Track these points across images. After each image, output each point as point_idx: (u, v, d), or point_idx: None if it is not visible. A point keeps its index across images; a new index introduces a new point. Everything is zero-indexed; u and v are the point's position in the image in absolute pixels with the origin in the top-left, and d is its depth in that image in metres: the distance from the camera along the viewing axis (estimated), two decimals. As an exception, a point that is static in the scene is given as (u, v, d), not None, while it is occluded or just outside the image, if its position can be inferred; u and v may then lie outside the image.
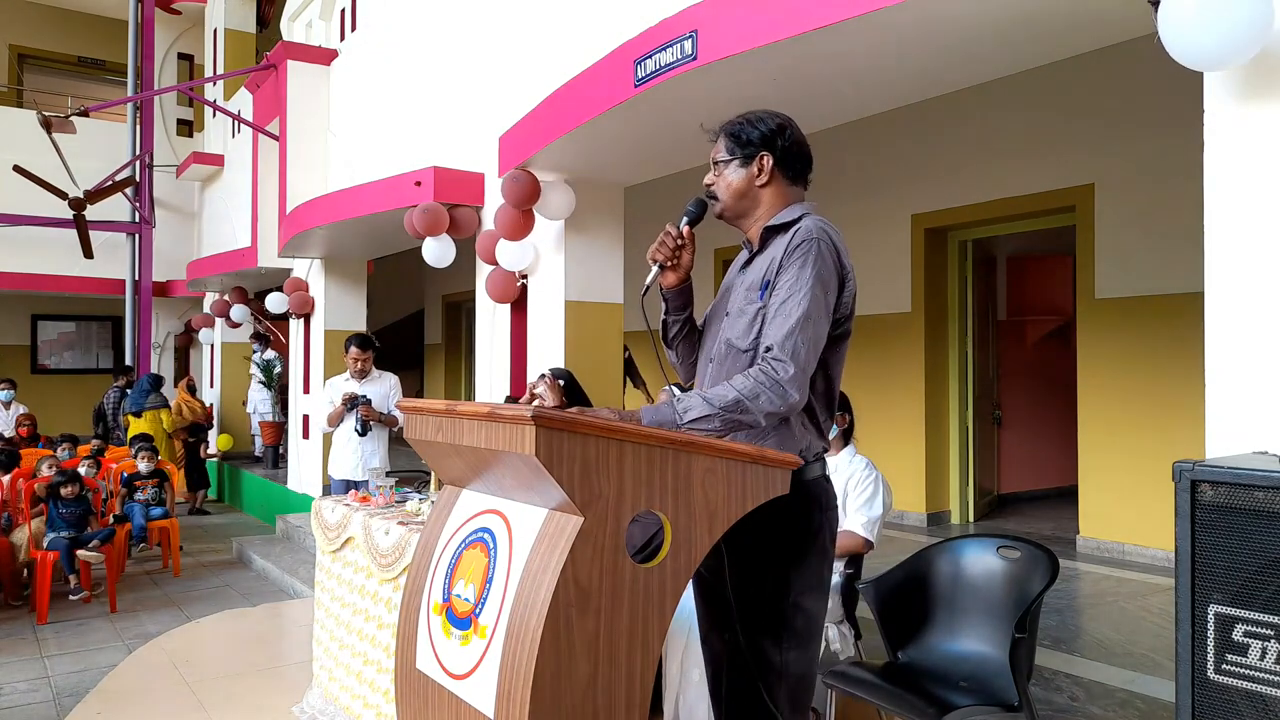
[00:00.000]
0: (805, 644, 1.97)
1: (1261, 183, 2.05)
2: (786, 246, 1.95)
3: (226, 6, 11.34)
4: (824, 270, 1.92)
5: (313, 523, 3.91)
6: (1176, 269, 5.06)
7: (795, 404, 1.89)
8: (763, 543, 1.93)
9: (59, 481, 5.77)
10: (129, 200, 11.12)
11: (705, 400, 1.87)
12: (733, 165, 2.07)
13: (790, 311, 1.89)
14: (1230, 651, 1.60)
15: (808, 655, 1.98)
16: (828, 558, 2.03)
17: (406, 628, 2.01)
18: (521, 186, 4.75)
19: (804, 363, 1.88)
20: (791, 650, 1.94)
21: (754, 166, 2.05)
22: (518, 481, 1.75)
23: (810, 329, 1.89)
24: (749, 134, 2.06)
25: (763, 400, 1.85)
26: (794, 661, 1.94)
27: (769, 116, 2.08)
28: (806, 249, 1.92)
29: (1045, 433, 7.58)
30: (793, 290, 1.91)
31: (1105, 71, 5.27)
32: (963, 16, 2.81)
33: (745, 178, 2.06)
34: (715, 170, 2.10)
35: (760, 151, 2.05)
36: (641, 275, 2.20)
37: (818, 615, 2.00)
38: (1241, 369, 2.07)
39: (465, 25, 6.02)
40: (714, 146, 2.12)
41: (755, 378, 1.87)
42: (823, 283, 1.92)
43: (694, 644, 2.82)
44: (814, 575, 1.98)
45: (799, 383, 1.88)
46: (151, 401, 9.19)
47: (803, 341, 1.88)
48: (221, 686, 4.18)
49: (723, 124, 2.11)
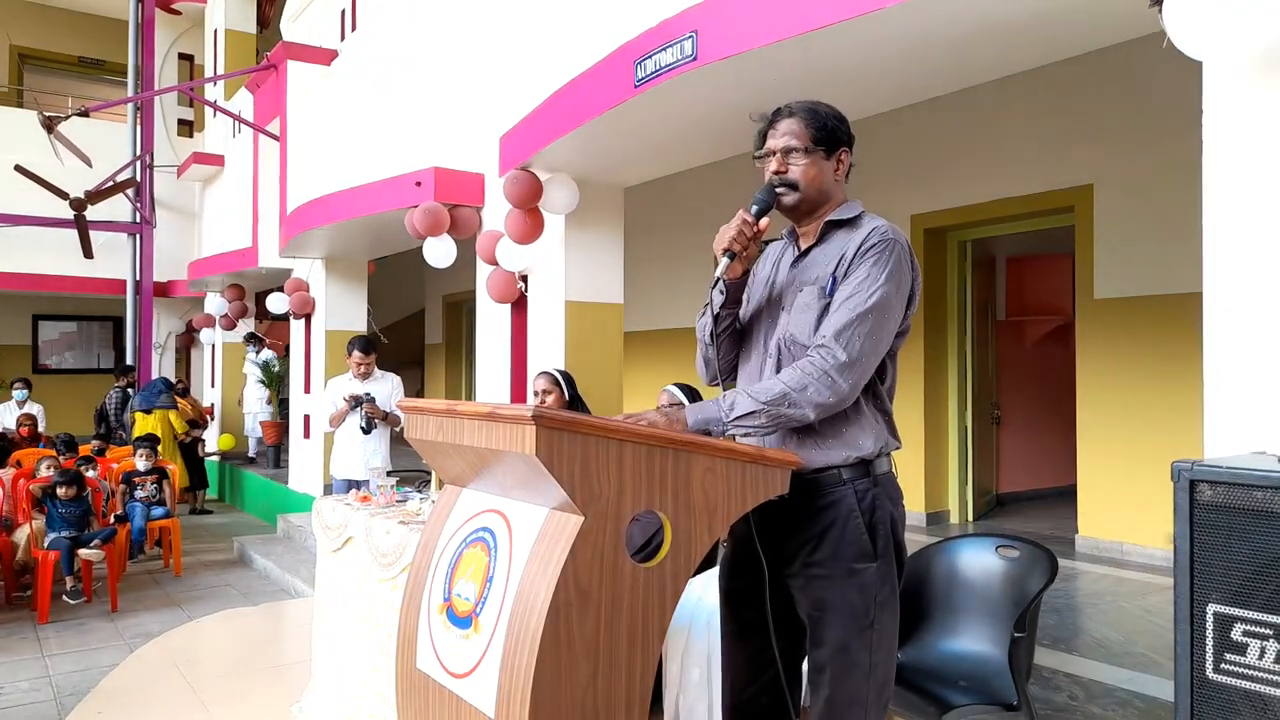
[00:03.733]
0: (891, 644, 1.94)
1: (1261, 183, 2.05)
2: (860, 244, 1.90)
3: (226, 6, 11.34)
4: (899, 273, 1.88)
5: (313, 522, 3.91)
6: (1176, 269, 5.06)
7: (845, 396, 1.83)
8: (840, 542, 1.89)
9: (58, 481, 5.77)
10: (129, 200, 11.12)
11: (751, 396, 1.82)
12: (815, 156, 1.98)
13: (855, 306, 1.84)
14: (1229, 651, 1.61)
15: (892, 655, 1.95)
16: (904, 553, 2.00)
17: (407, 627, 2.02)
18: (522, 186, 4.76)
19: (857, 354, 1.82)
20: (880, 651, 1.90)
21: (834, 161, 2.01)
22: (518, 481, 1.75)
23: (871, 324, 1.84)
24: (832, 125, 1.99)
25: (810, 392, 1.80)
26: (882, 663, 1.90)
27: (837, 109, 2.03)
28: (883, 249, 1.88)
29: (1044, 432, 7.58)
30: (861, 287, 1.86)
31: (1105, 71, 5.28)
32: (963, 16, 2.82)
33: (827, 171, 2.00)
34: (789, 159, 1.99)
35: (842, 147, 2.01)
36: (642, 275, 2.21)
37: (898, 613, 1.96)
38: (1241, 369, 2.07)
39: (465, 25, 6.02)
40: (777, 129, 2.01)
41: (803, 369, 1.82)
42: (896, 284, 1.88)
43: (694, 644, 2.82)
44: (894, 571, 1.94)
45: (849, 375, 1.82)
46: (163, 401, 9.27)
47: (859, 335, 1.82)
48: (221, 686, 4.19)
49: (796, 109, 2.00)
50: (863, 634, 1.87)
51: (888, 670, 1.93)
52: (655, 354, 8.43)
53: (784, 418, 1.83)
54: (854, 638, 1.87)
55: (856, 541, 1.89)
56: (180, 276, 11.94)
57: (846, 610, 1.88)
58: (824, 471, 1.92)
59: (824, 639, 1.90)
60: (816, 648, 1.92)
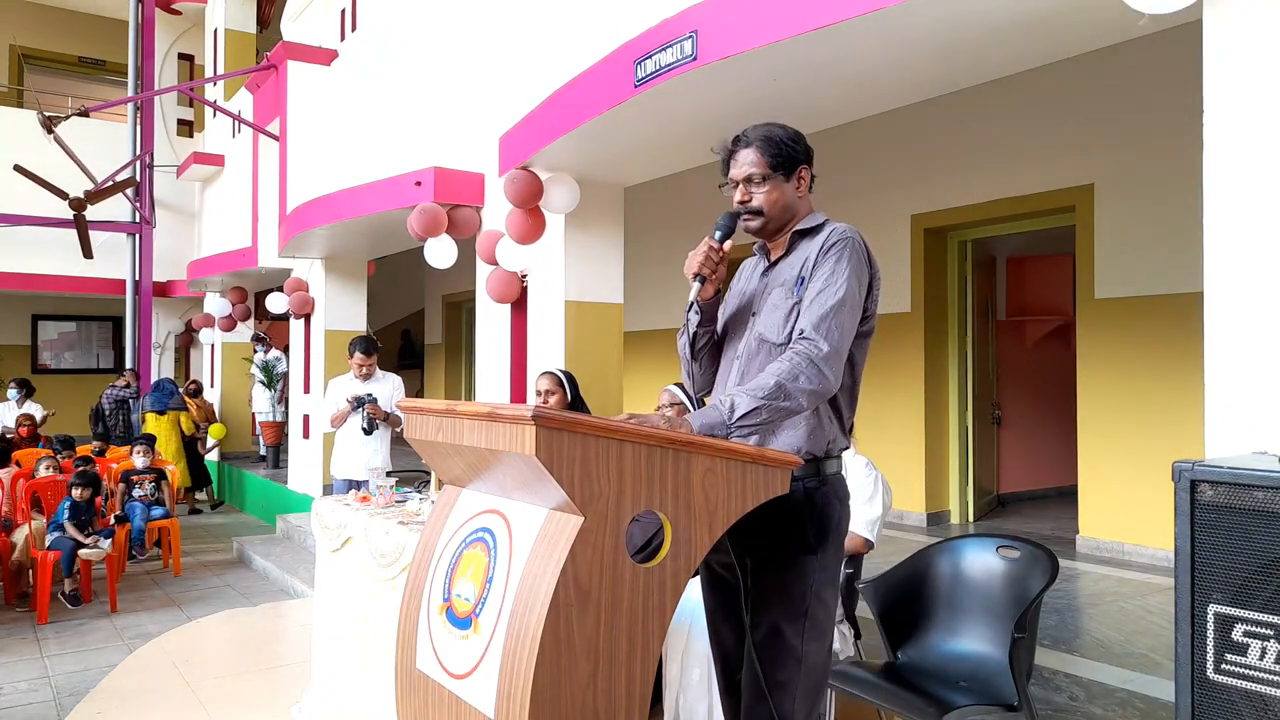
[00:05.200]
0: (823, 635, 2.00)
1: (1261, 183, 2.05)
2: (821, 246, 2.02)
3: (226, 6, 11.33)
4: (858, 267, 2.00)
5: (313, 523, 3.91)
6: (1176, 269, 5.06)
7: (831, 385, 1.93)
8: (785, 534, 1.96)
9: (74, 484, 5.76)
10: (129, 200, 11.12)
11: (749, 394, 1.87)
12: (775, 181, 2.09)
13: (826, 299, 1.95)
14: (1230, 651, 1.61)
15: (825, 646, 2.01)
16: (843, 551, 2.08)
17: (407, 628, 2.01)
18: (523, 185, 4.76)
19: (838, 345, 1.93)
20: (812, 641, 1.97)
21: (795, 180, 2.11)
22: (518, 481, 1.75)
23: (844, 315, 1.95)
24: (790, 150, 2.09)
25: (802, 380, 1.88)
26: (814, 652, 1.97)
27: (791, 129, 2.12)
28: (842, 246, 2.01)
29: (1045, 433, 7.58)
30: (829, 281, 1.97)
31: (1105, 71, 5.28)
32: (963, 16, 2.82)
33: (789, 191, 2.11)
34: (754, 186, 2.09)
35: (800, 165, 2.11)
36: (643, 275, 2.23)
37: (834, 607, 2.04)
38: (1241, 369, 2.07)
39: (465, 25, 6.02)
40: (736, 160, 2.11)
41: (791, 359, 1.91)
42: (858, 277, 1.99)
43: (694, 644, 2.82)
44: (833, 567, 2.02)
45: (833, 364, 1.92)
46: (175, 403, 9.34)
47: (837, 325, 1.93)
48: (221, 686, 4.19)
49: (752, 138, 2.10)
50: (795, 620, 1.96)
51: (819, 659, 1.99)
52: (655, 354, 8.42)
53: (782, 410, 1.88)
54: (786, 623, 1.96)
55: (800, 535, 1.98)
56: (180, 276, 11.94)
57: (782, 596, 1.96)
58: None
59: (759, 622, 1.98)
60: (753, 630, 2.00)
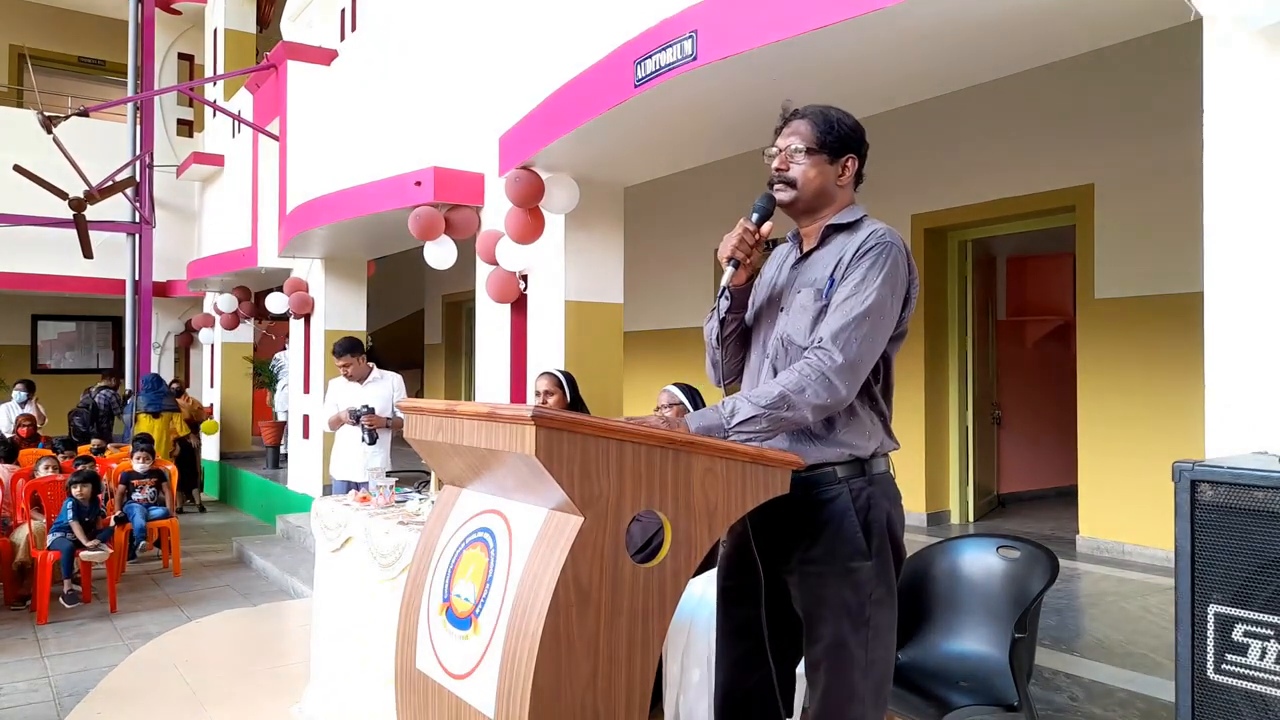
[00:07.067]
0: (887, 642, 1.95)
1: (1261, 183, 2.05)
2: (859, 247, 1.92)
3: (226, 6, 11.33)
4: (894, 276, 1.90)
5: (313, 523, 3.91)
6: (1176, 269, 5.05)
7: (842, 397, 1.84)
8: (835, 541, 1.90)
9: (74, 481, 5.75)
10: (129, 200, 11.11)
11: (750, 401, 1.82)
12: (818, 159, 1.99)
13: (851, 308, 1.86)
14: (1230, 651, 1.60)
15: (889, 652, 1.96)
16: (902, 551, 2.01)
17: (407, 627, 2.01)
18: (524, 185, 4.75)
19: (854, 358, 1.83)
20: (877, 650, 1.91)
21: (839, 166, 2.01)
22: (518, 481, 1.75)
23: (868, 327, 1.85)
24: (841, 131, 1.99)
25: (808, 394, 1.80)
26: (879, 661, 1.92)
27: (854, 118, 2.03)
28: (880, 252, 1.89)
29: (1045, 433, 7.57)
30: (858, 289, 1.87)
31: (1105, 71, 5.27)
32: (963, 16, 2.81)
33: (829, 175, 2.00)
34: (791, 158, 2.00)
35: (848, 154, 2.01)
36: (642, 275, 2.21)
37: (894, 610, 1.97)
38: (1241, 369, 2.07)
39: (465, 25, 6.02)
40: (788, 128, 2.02)
41: (800, 371, 1.83)
42: (891, 287, 1.89)
43: (694, 644, 2.82)
44: (888, 570, 1.95)
45: (846, 377, 1.83)
46: (168, 404, 9.35)
47: (856, 337, 1.83)
48: (221, 686, 4.18)
49: (807, 112, 2.01)
50: (858, 630, 1.89)
51: (885, 668, 1.94)
52: (655, 354, 8.42)
53: (784, 421, 1.83)
54: (849, 634, 1.89)
55: (852, 539, 1.91)
56: (179, 276, 11.93)
57: (841, 607, 1.90)
58: (820, 469, 1.94)
59: (820, 635, 1.92)
60: (812, 644, 1.94)
